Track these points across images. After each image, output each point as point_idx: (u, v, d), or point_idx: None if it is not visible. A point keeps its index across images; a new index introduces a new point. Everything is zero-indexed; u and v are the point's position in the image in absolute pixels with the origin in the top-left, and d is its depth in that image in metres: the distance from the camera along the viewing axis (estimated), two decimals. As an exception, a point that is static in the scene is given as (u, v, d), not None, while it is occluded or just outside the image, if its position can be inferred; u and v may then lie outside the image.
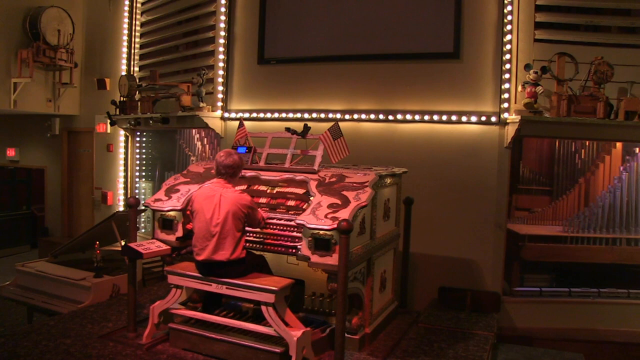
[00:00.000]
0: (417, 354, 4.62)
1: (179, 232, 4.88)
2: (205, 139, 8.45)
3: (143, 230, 8.81)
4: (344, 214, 4.13)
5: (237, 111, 7.18)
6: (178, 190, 5.07)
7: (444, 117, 6.06)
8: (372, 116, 6.33)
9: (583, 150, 7.23)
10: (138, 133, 9.11)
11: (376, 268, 4.83)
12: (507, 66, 5.88)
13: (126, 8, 8.88)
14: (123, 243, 6.31)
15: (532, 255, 6.54)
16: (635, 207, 6.64)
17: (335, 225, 4.00)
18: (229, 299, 4.87)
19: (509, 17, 5.88)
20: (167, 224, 4.91)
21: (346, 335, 4.50)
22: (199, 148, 8.52)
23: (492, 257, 6.02)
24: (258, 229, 4.63)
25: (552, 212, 7.01)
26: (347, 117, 6.43)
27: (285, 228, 4.58)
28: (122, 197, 9.17)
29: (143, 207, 6.89)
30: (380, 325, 4.99)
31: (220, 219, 4.30)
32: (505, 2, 5.90)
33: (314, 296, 5.01)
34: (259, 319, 4.43)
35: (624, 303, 6.27)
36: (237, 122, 6.89)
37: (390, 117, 6.25)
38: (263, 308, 4.25)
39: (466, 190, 6.04)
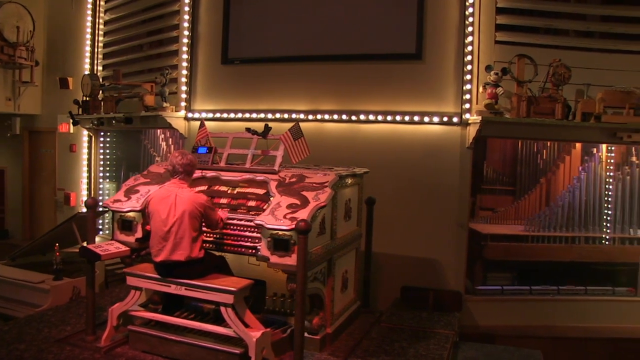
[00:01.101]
0: (378, 353, 4.63)
1: (139, 233, 4.80)
2: (171, 139, 8.36)
3: (107, 232, 8.67)
4: (303, 214, 4.12)
5: (200, 111, 7.12)
6: (138, 191, 4.99)
7: (407, 118, 6.10)
8: (336, 116, 6.34)
9: (545, 151, 7.36)
10: (102, 133, 8.97)
11: (337, 268, 4.83)
12: (469, 67, 5.96)
13: (89, 6, 8.73)
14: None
15: (494, 255, 6.64)
16: (593, 206, 6.79)
17: (293, 226, 3.99)
18: (190, 300, 4.81)
19: (470, 19, 5.96)
20: (126, 225, 4.83)
21: (307, 335, 4.52)
22: (163, 148, 8.43)
23: (454, 257, 6.08)
24: (217, 230, 4.59)
25: (515, 212, 7.13)
26: (310, 117, 6.43)
27: (245, 229, 4.56)
28: (85, 198, 9.00)
29: (101, 209, 6.79)
30: (342, 325, 4.99)
31: (176, 218, 4.26)
32: (467, 4, 5.98)
33: (276, 297, 5.00)
34: (220, 320, 4.39)
35: (582, 300, 6.42)
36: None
37: (354, 118, 6.27)
38: (222, 309, 4.22)
39: (429, 190, 6.09)
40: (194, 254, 4.31)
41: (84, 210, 8.75)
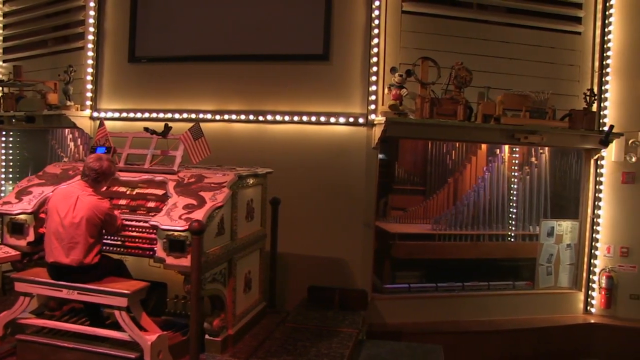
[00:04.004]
0: (279, 353, 4.62)
1: (31, 237, 4.59)
2: (79, 140, 8.04)
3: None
4: (199, 214, 4.07)
5: (107, 110, 6.88)
6: (30, 192, 4.77)
7: (313, 118, 6.12)
8: (243, 117, 6.29)
9: (454, 152, 7.60)
10: (4, 132, 8.51)
11: (239, 269, 4.77)
12: (374, 69, 6.06)
13: (-14, -4, 8.27)
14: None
15: (402, 253, 6.79)
16: (497, 205, 7.06)
17: (188, 226, 3.93)
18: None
19: (376, 22, 6.06)
20: (17, 228, 4.60)
21: (208, 337, 4.50)
22: (71, 149, 8.10)
23: (361, 256, 6.15)
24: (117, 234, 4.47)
25: (423, 211, 7.31)
26: (217, 117, 6.35)
27: (143, 230, 4.46)
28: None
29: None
30: (245, 327, 4.94)
31: (74, 221, 4.13)
32: (373, 7, 6.08)
33: (177, 299, 4.93)
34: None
35: (485, 295, 6.68)
36: (108, 122, 6.68)
37: (261, 118, 6.24)
38: (116, 312, 4.13)
39: (336, 190, 6.14)
40: (87, 260, 4.17)
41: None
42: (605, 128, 6.55)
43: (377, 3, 6.06)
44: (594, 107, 6.59)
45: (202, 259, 3.99)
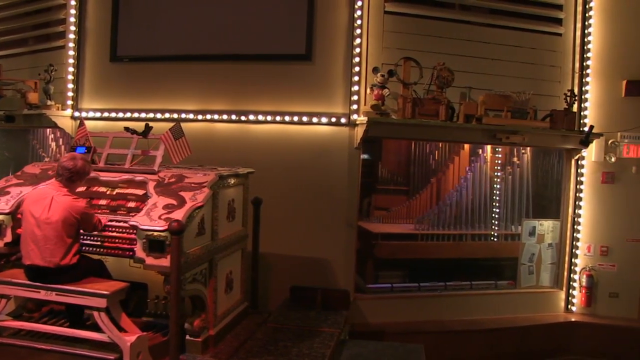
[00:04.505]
0: (260, 354, 4.60)
1: (8, 237, 4.51)
2: (61, 140, 7.96)
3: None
4: (179, 214, 4.04)
5: (88, 110, 6.82)
6: (8, 193, 4.71)
7: (296, 118, 6.12)
8: (226, 117, 6.26)
9: (437, 152, 7.62)
10: (-16, 132, 8.41)
11: (220, 269, 4.75)
12: (357, 69, 6.06)
13: (-34, -7, 8.14)
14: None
15: (385, 253, 6.81)
16: (479, 204, 7.10)
17: (167, 226, 3.90)
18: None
19: (359, 22, 6.07)
20: (-6, 229, 4.55)
21: (189, 338, 4.46)
22: (53, 149, 8.01)
23: (343, 256, 6.16)
24: (96, 232, 4.42)
25: (406, 211, 7.33)
26: (200, 117, 6.32)
27: (123, 230, 4.40)
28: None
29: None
30: (226, 327, 4.92)
31: (50, 223, 4.08)
32: (356, 7, 6.08)
33: (157, 300, 4.91)
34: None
35: (467, 294, 6.73)
36: (90, 122, 6.62)
37: (243, 118, 6.22)
38: (95, 314, 4.10)
39: (318, 190, 6.14)
40: (65, 261, 4.13)
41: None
42: (586, 128, 6.62)
43: (359, 3, 6.07)
44: (575, 108, 6.68)
45: (182, 259, 3.96)
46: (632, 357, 6.62)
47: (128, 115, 6.60)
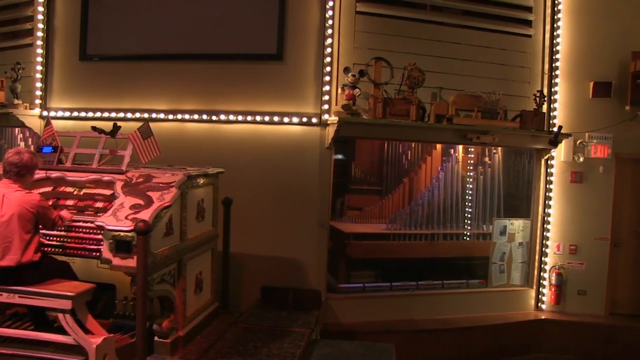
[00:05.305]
0: (230, 354, 4.58)
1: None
2: (30, 139, 7.83)
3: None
4: (145, 214, 4.00)
5: (57, 109, 6.71)
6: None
7: (267, 118, 6.09)
8: (197, 116, 6.21)
9: (409, 152, 7.70)
10: (-50, 132, 8.22)
11: (189, 269, 4.71)
12: (328, 69, 6.06)
13: None
14: None
15: (358, 253, 6.82)
16: (451, 204, 7.16)
17: (134, 226, 3.86)
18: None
19: (330, 22, 6.07)
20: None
21: (157, 339, 4.42)
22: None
23: (315, 256, 6.15)
24: (63, 233, 4.37)
25: (379, 211, 7.37)
26: (171, 117, 6.25)
27: (89, 231, 4.38)
28: None
29: None
30: (196, 328, 4.87)
31: (4, 220, 4.00)
32: (327, 7, 6.08)
33: (126, 301, 4.83)
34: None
35: (439, 293, 6.75)
36: (59, 121, 6.53)
37: (214, 118, 6.17)
38: (60, 316, 4.01)
39: (290, 190, 6.12)
40: (25, 258, 4.04)
41: None
42: (555, 129, 6.71)
43: (330, 3, 6.06)
44: (544, 108, 6.76)
45: (149, 260, 3.91)
46: (599, 352, 6.73)
47: (98, 114, 6.51)
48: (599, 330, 6.77)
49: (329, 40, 6.07)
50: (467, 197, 7.38)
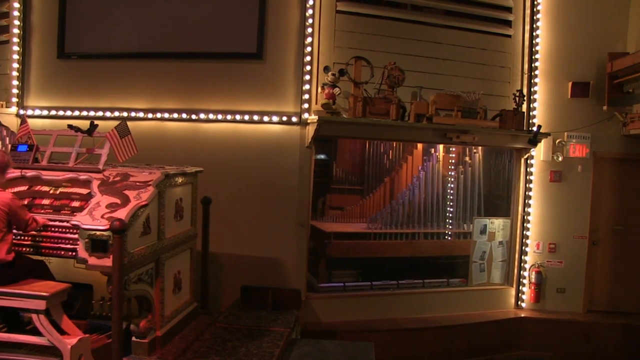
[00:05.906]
0: (208, 354, 4.55)
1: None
2: (7, 139, 7.70)
3: None
4: (122, 213, 3.95)
5: (35, 108, 6.62)
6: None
7: (247, 117, 6.07)
8: (176, 115, 6.16)
9: (391, 151, 7.71)
10: None
11: (167, 269, 4.67)
12: (308, 68, 6.05)
13: None
14: None
15: (338, 252, 6.81)
16: (432, 203, 7.18)
17: (109, 225, 3.82)
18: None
19: (310, 21, 6.06)
20: None
21: (135, 339, 4.39)
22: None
23: (295, 256, 6.14)
24: (31, 231, 4.29)
25: (360, 210, 7.37)
26: (150, 116, 6.20)
27: (65, 230, 4.29)
28: None
29: None
30: (174, 328, 4.83)
31: None
32: (307, 6, 6.07)
33: (103, 301, 4.80)
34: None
35: (420, 292, 6.77)
36: (37, 120, 6.44)
37: (194, 117, 6.13)
38: (34, 316, 3.98)
39: (270, 189, 6.10)
40: (-1, 256, 3.98)
41: None
42: (534, 128, 6.75)
43: (310, 2, 6.06)
44: (524, 108, 6.81)
45: (125, 259, 3.88)
46: (578, 349, 6.80)
47: (76, 113, 6.43)
48: (577, 327, 6.85)
49: (309, 39, 6.07)
50: (447, 196, 7.40)
